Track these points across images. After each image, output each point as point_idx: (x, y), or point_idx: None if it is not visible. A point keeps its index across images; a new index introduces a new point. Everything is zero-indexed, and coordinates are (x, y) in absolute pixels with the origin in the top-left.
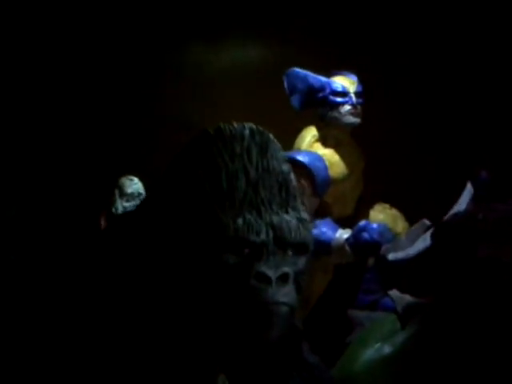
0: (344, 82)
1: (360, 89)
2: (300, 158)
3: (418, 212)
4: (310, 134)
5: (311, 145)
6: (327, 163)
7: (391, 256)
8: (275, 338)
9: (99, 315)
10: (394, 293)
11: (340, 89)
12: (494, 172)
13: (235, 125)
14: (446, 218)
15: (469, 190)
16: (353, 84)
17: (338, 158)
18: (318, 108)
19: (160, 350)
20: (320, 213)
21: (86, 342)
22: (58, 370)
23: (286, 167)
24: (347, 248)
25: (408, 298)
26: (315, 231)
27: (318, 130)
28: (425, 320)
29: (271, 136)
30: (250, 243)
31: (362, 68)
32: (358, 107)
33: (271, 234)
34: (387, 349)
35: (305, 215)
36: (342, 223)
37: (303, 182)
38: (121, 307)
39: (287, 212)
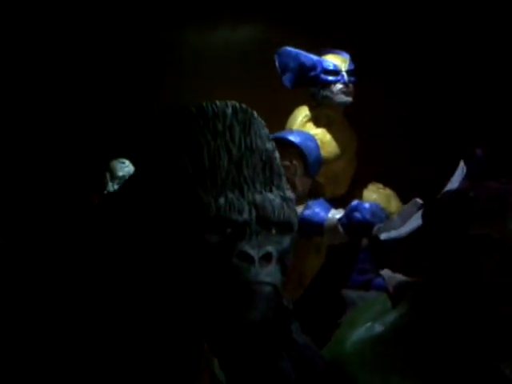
0: (336, 61)
1: (352, 67)
2: (291, 138)
3: (411, 191)
4: (303, 113)
5: (303, 124)
6: (319, 143)
7: (384, 235)
8: (259, 318)
9: (87, 294)
10: (385, 272)
11: (331, 67)
12: (489, 150)
13: (218, 103)
14: (438, 196)
15: (462, 168)
16: (344, 62)
17: (330, 137)
18: (309, 87)
19: (145, 327)
20: (313, 193)
21: (73, 320)
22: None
23: (270, 145)
24: (340, 228)
25: (399, 277)
26: (308, 212)
27: (310, 109)
28: (416, 299)
29: (255, 113)
30: (232, 222)
31: (355, 47)
32: (350, 86)
33: (254, 213)
34: (377, 328)
35: (289, 194)
36: (336, 203)
37: (295, 162)
38: (107, 286)
39: (271, 191)
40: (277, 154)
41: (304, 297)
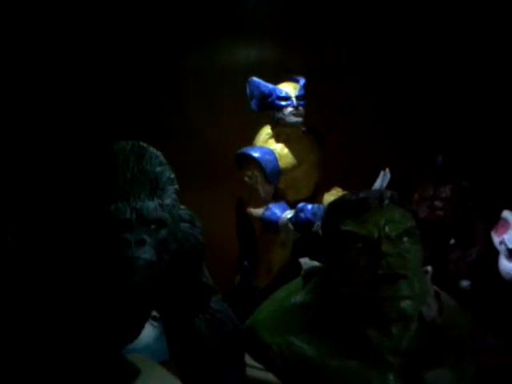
0: (288, 88)
1: (302, 92)
2: (252, 153)
3: None
4: (265, 131)
5: (266, 141)
6: (277, 156)
7: (320, 232)
8: (138, 282)
9: None
10: (302, 260)
11: (283, 94)
12: (448, 157)
13: (122, 142)
14: None
15: (382, 175)
16: (295, 89)
17: (288, 151)
18: (269, 110)
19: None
20: (277, 197)
21: None
22: None
23: (160, 169)
24: (290, 226)
25: (314, 263)
26: (267, 212)
27: (272, 128)
28: (319, 281)
29: (150, 148)
30: (119, 220)
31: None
32: (300, 108)
33: (134, 215)
34: (287, 302)
35: (168, 201)
36: None
37: (256, 172)
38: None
39: (153, 200)
40: (167, 175)
41: (276, 283)
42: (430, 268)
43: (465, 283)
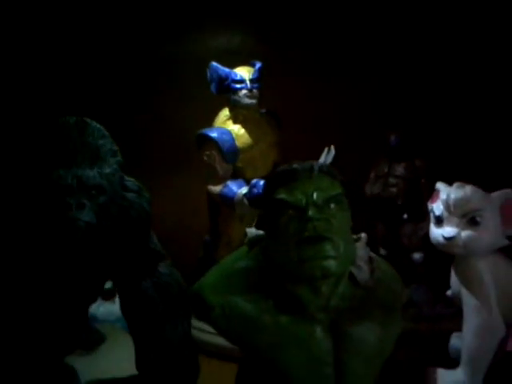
0: (242, 72)
1: (255, 75)
2: (210, 133)
3: None
4: (224, 113)
5: (224, 122)
6: (234, 136)
7: None
8: (80, 241)
9: None
10: (249, 229)
11: (238, 77)
12: (401, 136)
13: (67, 117)
14: None
15: (326, 151)
16: (249, 72)
17: (244, 131)
18: (226, 93)
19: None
20: (235, 175)
21: None
22: None
23: (102, 141)
24: (245, 201)
25: (259, 232)
26: (224, 189)
27: (230, 110)
28: (260, 248)
29: (93, 123)
30: (61, 186)
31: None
32: (254, 91)
33: (75, 181)
34: (232, 267)
35: (108, 171)
36: None
37: (213, 151)
38: None
39: (92, 168)
40: (108, 147)
41: None
42: (363, 235)
43: (417, 256)
